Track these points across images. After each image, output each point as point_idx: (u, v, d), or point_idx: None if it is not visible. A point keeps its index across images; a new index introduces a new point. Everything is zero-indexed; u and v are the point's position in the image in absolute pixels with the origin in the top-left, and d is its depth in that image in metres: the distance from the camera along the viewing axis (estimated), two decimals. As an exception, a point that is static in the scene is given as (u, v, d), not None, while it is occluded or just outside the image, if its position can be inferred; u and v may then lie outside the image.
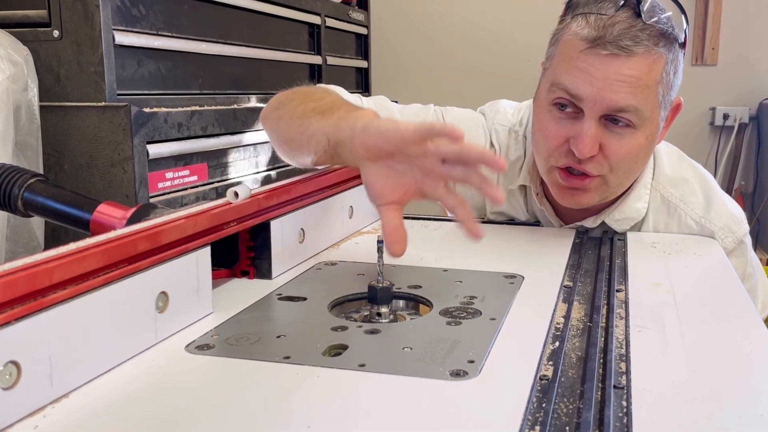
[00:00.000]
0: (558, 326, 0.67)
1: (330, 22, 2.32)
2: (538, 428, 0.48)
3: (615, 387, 0.54)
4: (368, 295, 0.72)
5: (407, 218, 1.15)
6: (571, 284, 0.79)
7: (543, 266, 0.87)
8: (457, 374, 0.56)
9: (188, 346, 0.62)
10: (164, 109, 1.47)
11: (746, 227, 1.06)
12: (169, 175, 1.50)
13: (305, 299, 0.75)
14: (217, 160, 1.68)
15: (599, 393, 0.53)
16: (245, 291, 0.77)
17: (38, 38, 1.36)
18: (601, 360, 0.59)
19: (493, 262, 0.88)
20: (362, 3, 2.68)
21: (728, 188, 2.81)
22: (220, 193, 1.61)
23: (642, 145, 0.96)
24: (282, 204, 0.84)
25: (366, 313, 0.73)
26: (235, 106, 1.75)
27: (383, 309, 0.71)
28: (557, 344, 0.62)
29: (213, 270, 0.71)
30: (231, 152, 1.73)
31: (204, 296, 0.69)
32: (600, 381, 0.55)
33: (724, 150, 2.84)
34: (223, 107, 1.69)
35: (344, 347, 0.62)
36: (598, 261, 0.90)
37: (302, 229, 0.88)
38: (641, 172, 1.05)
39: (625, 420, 0.49)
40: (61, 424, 0.49)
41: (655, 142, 1.01)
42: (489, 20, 2.98)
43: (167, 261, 0.63)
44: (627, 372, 0.57)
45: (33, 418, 0.49)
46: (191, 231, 0.68)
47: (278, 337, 0.65)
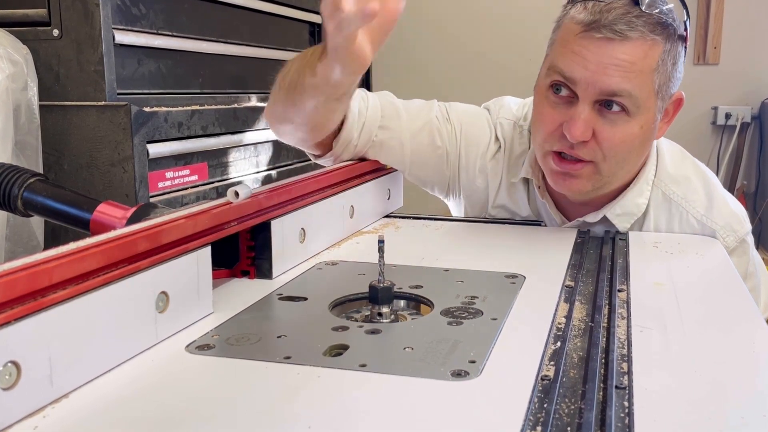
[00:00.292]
0: (559, 326, 0.66)
1: (330, 21, 2.32)
2: (540, 428, 0.48)
3: (617, 387, 0.53)
4: (369, 295, 0.72)
5: (408, 218, 1.16)
6: (573, 284, 0.79)
7: (544, 266, 0.87)
8: (459, 374, 0.56)
9: (188, 346, 0.62)
10: (164, 109, 1.47)
11: (748, 226, 1.06)
12: (170, 175, 1.50)
13: (306, 299, 0.75)
14: (218, 160, 1.68)
15: (601, 393, 0.53)
16: (246, 291, 0.77)
17: (38, 37, 1.36)
18: (603, 360, 0.59)
19: (495, 262, 0.87)
20: (363, 2, 2.67)
21: (730, 188, 2.81)
22: (221, 193, 1.61)
23: (636, 135, 0.96)
24: (282, 204, 0.84)
25: (367, 313, 0.72)
26: (236, 106, 1.75)
27: (384, 309, 0.70)
28: (559, 344, 0.62)
29: (213, 270, 0.71)
30: (231, 152, 1.73)
31: (204, 296, 0.69)
32: (602, 381, 0.55)
33: (726, 149, 2.84)
34: (224, 106, 1.69)
35: (345, 347, 0.61)
36: (600, 261, 0.89)
37: (303, 229, 0.88)
38: (643, 168, 1.05)
39: (627, 420, 0.49)
40: (61, 425, 0.49)
41: (653, 135, 1.01)
42: (492, 15, 2.98)
43: (167, 261, 0.63)
44: (629, 372, 0.57)
45: (33, 419, 0.49)
46: (191, 231, 0.68)
47: (279, 337, 0.65)
